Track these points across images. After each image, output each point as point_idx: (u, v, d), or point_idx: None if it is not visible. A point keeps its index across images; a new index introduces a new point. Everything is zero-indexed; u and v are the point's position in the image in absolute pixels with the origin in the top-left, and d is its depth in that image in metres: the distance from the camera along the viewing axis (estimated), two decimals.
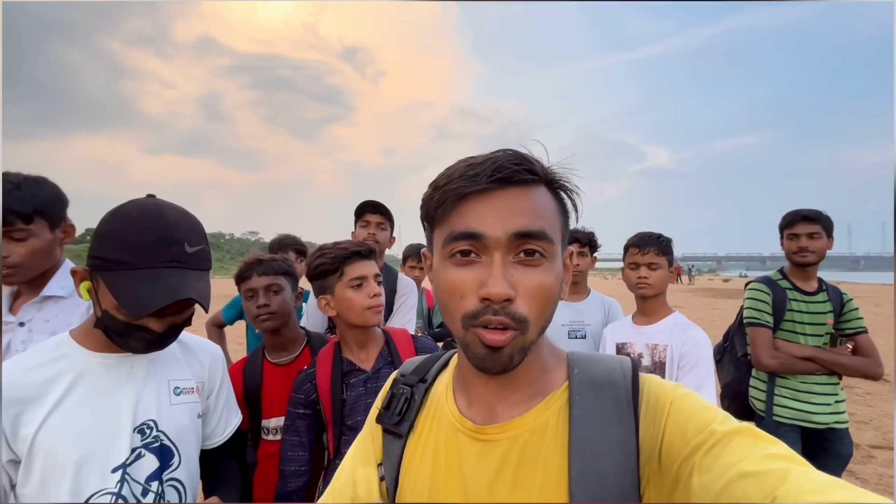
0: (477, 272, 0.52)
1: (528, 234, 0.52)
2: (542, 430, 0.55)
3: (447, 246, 0.54)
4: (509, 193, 0.53)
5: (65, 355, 0.90)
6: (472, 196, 0.53)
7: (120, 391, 0.91)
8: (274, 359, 1.58)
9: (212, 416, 1.11)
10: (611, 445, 0.51)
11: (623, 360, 0.59)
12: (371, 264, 1.36)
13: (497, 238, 0.51)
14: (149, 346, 0.91)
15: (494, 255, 0.52)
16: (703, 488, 0.44)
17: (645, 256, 1.77)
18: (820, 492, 0.37)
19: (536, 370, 0.58)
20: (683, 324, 1.76)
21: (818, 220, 2.11)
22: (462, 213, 0.53)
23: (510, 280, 0.51)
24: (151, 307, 0.82)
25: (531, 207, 0.53)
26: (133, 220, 0.85)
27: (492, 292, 0.50)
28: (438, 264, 0.57)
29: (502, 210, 0.52)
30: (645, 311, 1.83)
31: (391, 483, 0.64)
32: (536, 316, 0.52)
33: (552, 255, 0.54)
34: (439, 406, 0.64)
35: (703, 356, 1.65)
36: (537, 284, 0.52)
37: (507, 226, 0.51)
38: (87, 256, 0.88)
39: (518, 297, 0.51)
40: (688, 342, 1.68)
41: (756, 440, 0.45)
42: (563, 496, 0.50)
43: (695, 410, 0.50)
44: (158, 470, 0.93)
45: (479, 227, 0.52)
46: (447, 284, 0.54)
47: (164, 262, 0.86)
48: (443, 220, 0.56)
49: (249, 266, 1.55)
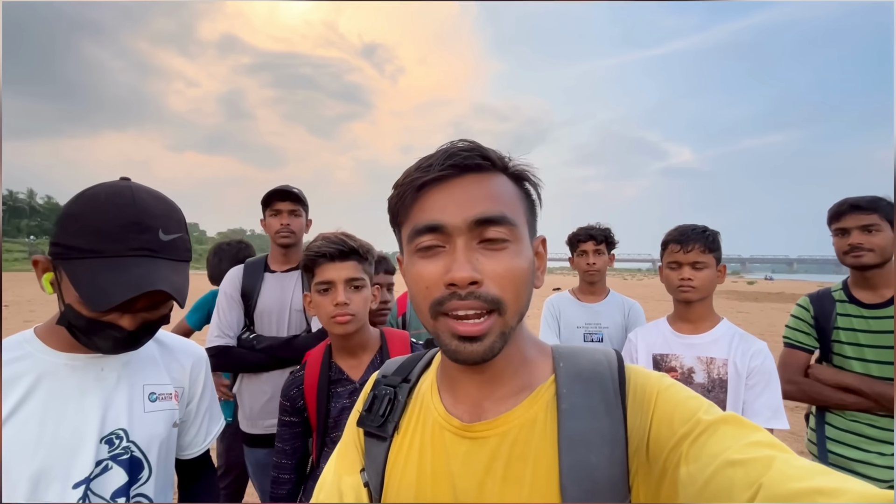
0: (441, 261, 0.52)
1: (488, 219, 0.51)
2: (530, 424, 0.54)
3: (412, 241, 0.54)
4: (466, 180, 0.53)
5: (27, 355, 0.81)
6: (429, 187, 0.53)
7: (86, 396, 0.82)
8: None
9: (192, 425, 1.02)
10: (600, 438, 0.51)
11: (608, 352, 0.59)
12: (343, 267, 1.17)
13: (457, 226, 0.51)
14: (118, 346, 0.82)
15: (457, 242, 0.51)
16: (691, 477, 0.44)
17: (688, 254, 1.49)
18: (803, 478, 0.37)
19: (519, 362, 0.58)
20: (741, 334, 1.50)
21: (875, 208, 1.58)
22: (422, 207, 0.54)
23: (475, 265, 0.50)
24: (114, 300, 0.72)
25: (489, 193, 0.53)
26: (100, 203, 0.76)
27: (455, 277, 0.49)
28: (407, 261, 0.56)
29: (460, 197, 0.52)
30: (689, 317, 1.55)
31: (376, 487, 0.62)
32: (511, 298, 0.51)
33: (517, 238, 0.53)
34: (424, 405, 0.63)
35: (774, 373, 1.43)
36: (505, 268, 0.51)
37: (466, 213, 0.51)
38: (48, 244, 0.79)
39: (486, 279, 0.50)
40: (756, 356, 1.43)
41: (740, 428, 0.45)
42: (553, 489, 0.50)
43: (681, 400, 0.50)
44: (126, 485, 0.84)
45: (439, 217, 0.52)
46: (414, 278, 0.54)
47: (132, 251, 0.76)
48: (406, 216, 0.56)
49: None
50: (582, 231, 2.18)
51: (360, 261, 1.18)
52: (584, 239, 2.15)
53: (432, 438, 0.59)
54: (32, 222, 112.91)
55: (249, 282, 1.92)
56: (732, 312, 15.35)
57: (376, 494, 0.62)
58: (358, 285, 1.18)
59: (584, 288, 2.22)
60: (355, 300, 1.16)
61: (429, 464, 0.58)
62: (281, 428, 1.26)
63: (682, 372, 1.53)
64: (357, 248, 1.18)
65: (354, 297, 1.16)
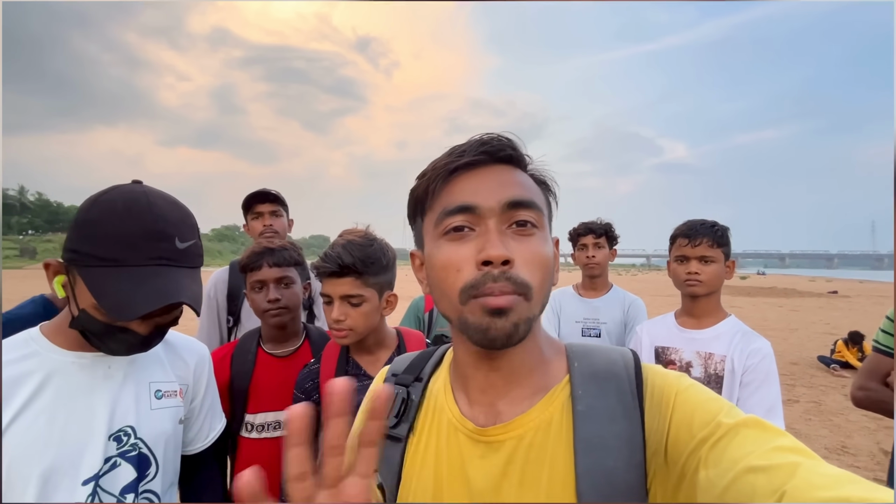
0: (473, 243, 0.52)
1: (520, 202, 0.52)
2: (546, 427, 0.53)
3: (440, 224, 0.54)
4: (497, 168, 0.55)
5: (34, 353, 0.82)
6: (460, 172, 0.54)
7: (95, 394, 0.83)
8: (271, 349, 1.47)
9: (195, 421, 1.03)
10: (617, 440, 0.50)
11: (624, 352, 0.58)
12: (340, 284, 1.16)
13: (491, 208, 0.52)
14: (131, 350, 0.83)
15: (489, 223, 0.52)
16: (710, 482, 0.43)
17: (696, 249, 1.50)
18: (830, 487, 0.35)
19: (535, 359, 0.57)
20: (744, 331, 1.50)
21: None
22: (452, 191, 0.54)
23: (507, 246, 0.51)
24: (138, 312, 0.74)
25: (519, 181, 0.55)
26: (118, 211, 0.76)
27: (491, 254, 0.49)
28: (431, 246, 0.56)
29: (492, 182, 0.53)
30: (695, 312, 1.56)
31: (391, 488, 0.61)
32: (538, 284, 0.52)
33: (543, 226, 0.55)
34: (438, 405, 0.61)
35: (772, 372, 1.42)
36: (534, 252, 0.52)
37: (499, 195, 0.52)
38: (62, 248, 0.80)
39: (517, 262, 0.51)
40: (753, 354, 1.44)
41: (763, 432, 0.43)
42: (570, 493, 0.49)
43: (700, 402, 0.49)
44: (135, 481, 0.85)
45: (471, 199, 0.52)
46: (442, 261, 0.53)
47: (152, 260, 0.77)
48: (433, 202, 0.56)
49: (258, 255, 1.42)
50: (582, 225, 2.21)
51: (359, 276, 1.16)
52: (584, 233, 2.18)
53: (447, 441, 0.58)
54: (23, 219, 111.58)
55: (236, 282, 1.98)
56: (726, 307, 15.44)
57: (391, 495, 0.61)
58: (355, 302, 1.17)
59: (585, 283, 2.24)
60: (352, 315, 1.17)
61: (445, 467, 0.57)
62: None
63: (681, 365, 1.54)
64: (352, 265, 1.15)
65: (351, 313, 1.17)
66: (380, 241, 1.23)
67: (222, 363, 1.44)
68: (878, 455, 3.92)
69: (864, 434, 4.40)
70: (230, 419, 1.37)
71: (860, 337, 7.03)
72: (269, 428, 1.42)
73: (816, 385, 6.14)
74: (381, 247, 1.21)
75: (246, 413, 1.42)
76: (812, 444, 4.14)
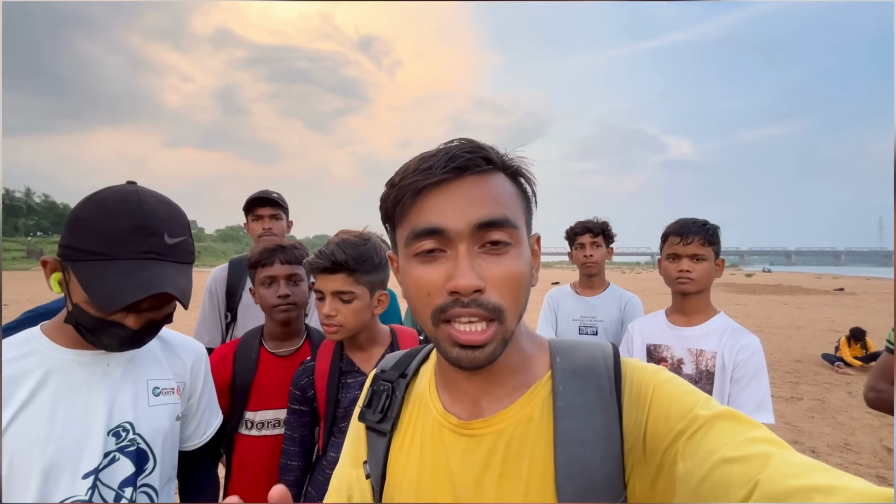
0: (443, 266, 0.51)
1: (490, 223, 0.51)
2: (526, 421, 0.54)
3: (410, 245, 0.53)
4: (466, 183, 0.52)
5: (34, 351, 0.84)
6: (429, 189, 0.52)
7: (94, 391, 0.85)
8: (273, 348, 1.51)
9: (193, 418, 1.05)
10: (595, 435, 0.51)
11: (604, 346, 0.58)
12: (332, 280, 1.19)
13: (460, 231, 0.51)
14: (123, 344, 0.85)
15: (459, 247, 0.51)
16: (687, 474, 0.44)
17: (688, 247, 1.51)
18: (801, 475, 0.37)
19: (517, 360, 0.58)
20: (734, 328, 1.53)
21: None
22: (421, 209, 0.53)
23: (478, 271, 0.50)
24: (122, 302, 0.76)
25: (491, 195, 0.52)
26: (108, 207, 0.79)
27: (460, 284, 0.49)
28: (404, 264, 0.56)
29: (462, 201, 0.51)
30: (685, 309, 1.58)
31: (377, 481, 0.63)
32: (511, 304, 0.51)
33: (518, 240, 0.53)
34: (423, 401, 0.63)
35: (762, 367, 1.44)
36: (506, 273, 0.51)
37: (469, 216, 0.51)
38: (58, 245, 0.82)
39: (488, 287, 0.50)
40: (743, 350, 1.46)
41: (738, 424, 0.45)
42: (549, 486, 0.50)
43: (677, 395, 0.50)
44: (133, 475, 0.87)
45: (440, 221, 0.51)
46: (413, 283, 0.53)
47: (139, 254, 0.79)
48: (402, 218, 0.55)
49: (271, 252, 1.47)
50: (579, 224, 2.21)
51: (350, 273, 1.18)
52: (581, 232, 2.19)
53: (431, 435, 0.59)
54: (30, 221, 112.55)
55: (234, 280, 2.06)
56: (730, 305, 15.41)
57: (377, 487, 0.63)
58: (346, 299, 1.19)
59: (582, 281, 2.25)
60: (342, 311, 1.19)
61: (428, 460, 0.58)
62: (290, 416, 1.31)
63: (672, 362, 1.56)
64: (344, 262, 1.17)
65: (342, 309, 1.19)
66: (374, 240, 1.25)
67: (225, 361, 1.47)
68: (880, 452, 3.90)
69: (867, 431, 4.39)
70: (229, 416, 1.41)
71: (862, 333, 6.98)
72: (269, 426, 1.45)
73: (820, 382, 6.11)
74: (375, 246, 1.24)
75: (246, 411, 1.44)
76: (815, 442, 4.13)
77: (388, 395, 0.65)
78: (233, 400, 1.44)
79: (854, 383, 6.07)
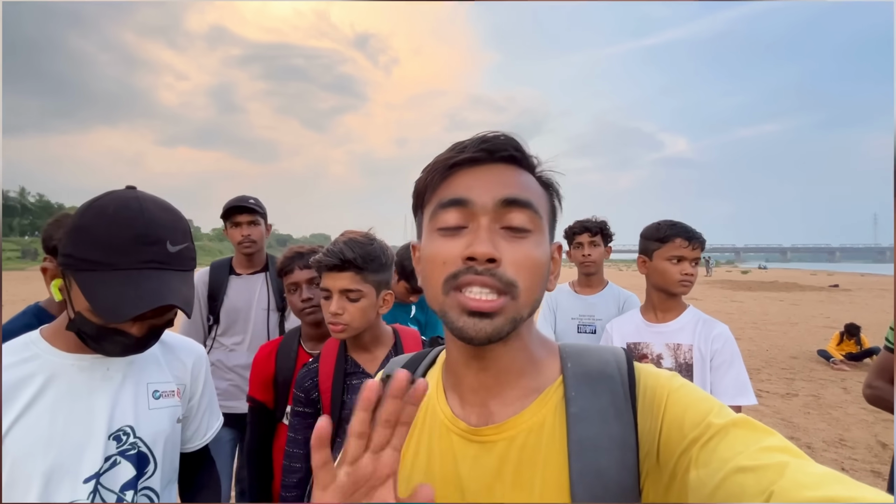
0: (463, 239, 0.52)
1: (515, 200, 0.51)
2: (539, 428, 0.53)
3: (434, 218, 0.54)
4: (497, 167, 0.54)
5: (34, 356, 0.84)
6: (460, 167, 0.54)
7: (94, 395, 0.85)
8: (310, 349, 1.57)
9: (193, 420, 1.06)
10: (610, 442, 0.50)
11: (616, 352, 0.58)
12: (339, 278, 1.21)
13: (484, 204, 0.51)
14: (126, 351, 0.85)
15: (481, 220, 0.51)
16: (701, 482, 0.43)
17: (695, 251, 1.58)
18: (816, 486, 0.36)
19: (525, 359, 0.57)
20: (705, 319, 1.63)
21: None
22: (450, 184, 0.54)
23: (497, 245, 0.50)
24: (127, 315, 0.76)
25: (519, 181, 0.54)
26: (109, 216, 0.78)
27: (477, 251, 0.49)
28: (426, 239, 0.56)
29: (490, 180, 0.53)
30: (662, 307, 1.68)
31: None
32: (526, 286, 0.51)
33: (539, 229, 0.53)
34: (430, 406, 0.62)
35: (736, 353, 1.54)
36: (524, 254, 0.51)
37: (494, 193, 0.51)
38: (59, 253, 0.82)
39: (505, 261, 0.50)
40: (716, 339, 1.55)
41: (752, 432, 0.44)
42: (564, 495, 0.49)
43: (691, 402, 0.49)
44: (135, 478, 0.87)
45: (465, 193, 0.52)
46: (431, 254, 0.53)
47: (143, 263, 0.79)
48: (431, 196, 0.56)
49: (290, 260, 1.56)
50: (578, 224, 2.23)
51: (359, 271, 1.19)
52: (580, 231, 2.20)
53: (440, 441, 0.58)
54: (24, 220, 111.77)
55: (216, 283, 2.15)
56: (727, 301, 15.49)
57: None
58: (353, 297, 1.20)
59: (581, 280, 2.27)
60: (350, 310, 1.20)
61: (437, 466, 0.57)
62: (294, 418, 1.32)
63: (653, 359, 1.63)
64: (353, 260, 1.18)
65: (349, 307, 1.20)
66: (380, 241, 1.28)
67: (269, 358, 1.57)
68: (875, 448, 3.94)
69: (861, 427, 4.42)
70: (274, 408, 1.53)
71: (857, 329, 7.04)
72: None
73: (815, 379, 6.16)
74: (381, 246, 1.26)
75: (287, 404, 1.50)
76: (811, 437, 4.16)
77: None
78: (276, 393, 1.53)
79: (849, 379, 6.12)
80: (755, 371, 6.32)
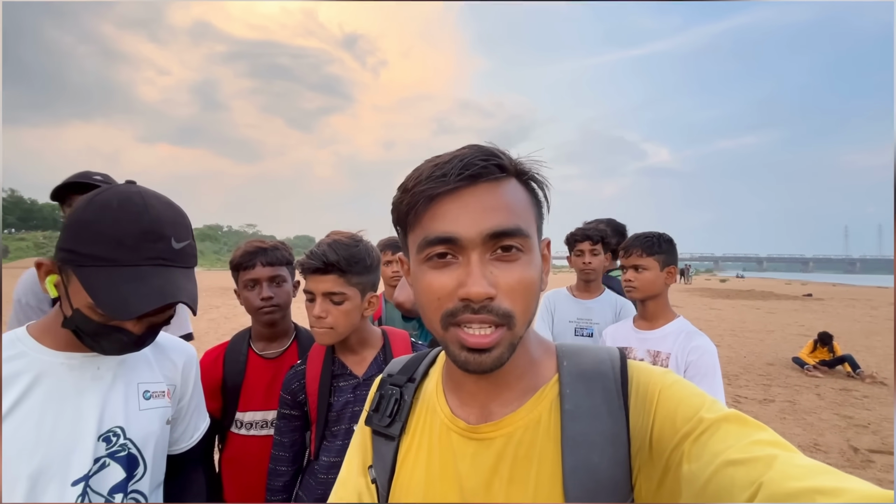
0: (455, 273, 0.52)
1: (503, 232, 0.51)
2: (534, 425, 0.55)
3: (422, 251, 0.54)
4: (480, 190, 0.52)
5: (21, 354, 0.81)
6: (442, 196, 0.52)
7: (84, 395, 0.83)
8: (260, 350, 1.51)
9: (181, 421, 1.03)
10: (602, 438, 0.51)
11: (611, 351, 0.59)
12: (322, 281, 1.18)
13: (472, 239, 0.51)
14: (124, 349, 0.83)
15: (472, 255, 0.51)
16: (693, 476, 0.44)
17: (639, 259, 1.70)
18: (804, 477, 0.37)
19: (525, 364, 0.58)
20: (688, 331, 1.67)
21: None
22: (434, 216, 0.52)
23: (490, 278, 0.50)
24: (135, 312, 0.74)
25: (504, 203, 0.52)
26: (113, 211, 0.76)
27: (471, 292, 0.49)
28: (416, 269, 0.56)
29: (475, 209, 0.51)
30: (646, 315, 1.75)
31: (384, 484, 0.63)
32: (522, 311, 0.52)
33: (529, 248, 0.53)
34: (430, 405, 0.63)
35: (711, 366, 1.56)
36: (517, 279, 0.51)
37: (481, 225, 0.51)
38: (55, 248, 0.79)
39: (500, 293, 0.50)
40: (694, 351, 1.59)
41: (743, 427, 0.45)
42: (557, 490, 0.51)
43: (684, 397, 0.50)
44: (124, 481, 0.85)
45: (453, 229, 0.51)
46: (425, 287, 0.54)
47: (148, 260, 0.77)
48: (415, 224, 0.55)
49: (252, 255, 1.45)
50: (579, 231, 2.27)
51: (342, 274, 1.17)
52: (581, 239, 2.25)
53: (439, 439, 0.60)
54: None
55: None
56: (706, 309, 15.82)
57: (384, 492, 0.63)
58: (337, 300, 1.18)
59: (580, 285, 2.32)
60: (333, 313, 1.17)
61: (437, 464, 0.58)
62: (280, 421, 1.29)
63: None
64: (336, 262, 1.16)
65: (332, 310, 1.17)
66: (366, 243, 1.25)
67: (216, 363, 1.48)
68: (847, 452, 4.07)
69: (835, 432, 4.56)
70: (222, 416, 1.42)
71: (829, 337, 7.27)
72: (256, 426, 1.44)
73: (791, 385, 6.32)
74: (367, 248, 1.24)
75: (237, 411, 1.45)
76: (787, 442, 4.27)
77: (397, 399, 0.65)
78: (224, 400, 1.45)
79: (822, 385, 6.30)
80: (734, 377, 6.45)
